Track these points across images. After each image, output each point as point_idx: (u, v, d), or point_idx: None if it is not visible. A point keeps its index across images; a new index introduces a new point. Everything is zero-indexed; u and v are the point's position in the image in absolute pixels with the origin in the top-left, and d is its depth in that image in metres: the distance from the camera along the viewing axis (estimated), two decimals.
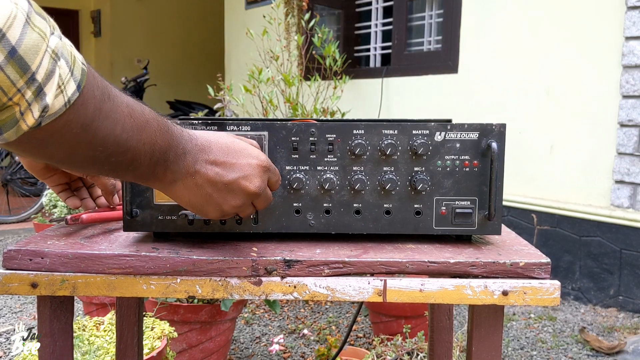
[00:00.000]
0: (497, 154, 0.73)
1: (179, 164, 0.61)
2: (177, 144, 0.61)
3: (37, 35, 0.43)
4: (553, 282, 0.70)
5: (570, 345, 2.46)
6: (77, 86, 0.47)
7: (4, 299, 2.93)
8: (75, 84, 0.47)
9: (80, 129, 0.49)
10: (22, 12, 0.42)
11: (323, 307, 2.86)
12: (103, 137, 0.51)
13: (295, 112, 2.99)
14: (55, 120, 0.46)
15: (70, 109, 0.47)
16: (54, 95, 0.45)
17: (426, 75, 3.71)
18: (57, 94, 0.45)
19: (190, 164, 0.62)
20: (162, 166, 0.60)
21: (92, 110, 0.49)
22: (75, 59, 0.47)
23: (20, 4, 0.43)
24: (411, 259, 0.70)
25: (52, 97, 0.44)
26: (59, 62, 0.45)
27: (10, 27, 0.41)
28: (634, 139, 2.75)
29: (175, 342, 1.92)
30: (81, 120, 0.48)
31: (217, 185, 0.64)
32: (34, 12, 0.44)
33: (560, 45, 3.00)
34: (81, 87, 0.47)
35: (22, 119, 0.44)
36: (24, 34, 0.42)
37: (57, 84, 0.45)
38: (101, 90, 0.51)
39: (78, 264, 0.70)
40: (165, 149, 0.59)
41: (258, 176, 0.66)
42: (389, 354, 1.82)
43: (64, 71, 0.45)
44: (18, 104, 0.43)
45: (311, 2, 4.23)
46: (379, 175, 0.75)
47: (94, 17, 8.34)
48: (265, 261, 0.70)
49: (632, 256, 2.79)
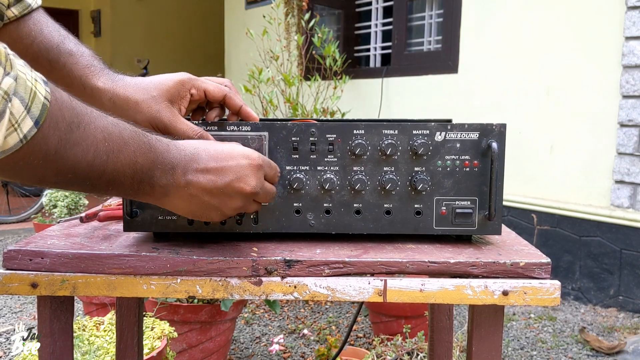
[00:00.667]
0: (497, 154, 0.73)
1: (167, 179, 0.62)
2: (163, 160, 0.61)
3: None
4: (553, 282, 0.70)
5: (570, 345, 2.46)
6: (34, 122, 0.48)
7: (4, 299, 2.93)
8: (32, 121, 0.48)
9: (42, 160, 0.50)
10: None
11: (323, 307, 2.86)
12: (72, 164, 0.53)
13: (295, 112, 2.99)
14: (12, 154, 0.48)
15: (27, 145, 0.48)
16: (4, 134, 0.46)
17: (426, 75, 3.71)
18: (10, 133, 0.46)
19: (181, 176, 0.62)
20: (147, 183, 0.60)
21: (55, 142, 0.50)
22: (35, 95, 0.48)
23: None
24: (411, 259, 0.70)
25: (2, 135, 0.46)
26: (10, 102, 0.46)
27: None
28: (634, 139, 2.75)
29: (175, 342, 1.92)
30: (42, 152, 0.50)
31: (212, 192, 0.64)
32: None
33: (560, 45, 3.00)
34: (40, 122, 0.48)
35: None
36: None
37: (10, 122, 0.46)
38: (68, 121, 0.52)
39: (78, 264, 0.70)
40: (149, 167, 0.59)
41: (252, 175, 0.66)
42: (389, 354, 1.82)
43: (17, 110, 0.46)
44: None
45: (311, 2, 4.23)
46: (379, 175, 0.75)
47: (94, 17, 8.34)
48: (265, 261, 0.70)
49: (632, 256, 2.79)
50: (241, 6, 5.19)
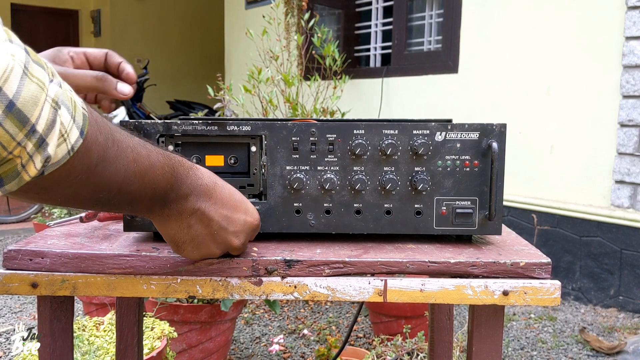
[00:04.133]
0: (498, 154, 0.73)
1: (179, 204, 0.61)
2: (180, 185, 0.60)
3: (35, 86, 0.42)
4: (553, 282, 0.69)
5: (570, 345, 2.46)
6: (80, 132, 0.46)
7: (4, 299, 2.93)
8: (78, 131, 0.46)
9: (84, 175, 0.48)
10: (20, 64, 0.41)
11: (323, 307, 2.86)
12: (107, 183, 0.51)
13: (295, 112, 2.99)
14: (58, 168, 0.45)
15: (74, 157, 0.46)
16: (56, 144, 0.44)
17: (426, 75, 3.71)
18: (60, 143, 0.44)
19: (193, 204, 0.62)
20: (159, 204, 0.60)
21: (96, 156, 0.49)
22: (75, 105, 0.46)
23: (18, 55, 0.41)
24: (411, 259, 0.70)
25: (54, 146, 0.44)
26: (59, 110, 0.44)
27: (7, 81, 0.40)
28: (634, 139, 2.75)
29: (175, 342, 1.92)
30: (85, 166, 0.48)
31: (209, 229, 0.64)
32: (31, 62, 0.43)
33: (560, 45, 3.00)
34: (84, 133, 0.46)
35: (24, 171, 0.43)
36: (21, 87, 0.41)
37: (60, 132, 0.44)
38: (105, 135, 0.50)
39: (78, 264, 0.70)
40: (166, 190, 0.59)
41: (246, 234, 0.68)
42: (389, 354, 1.82)
43: (65, 119, 0.44)
44: (19, 156, 0.42)
45: (311, 2, 4.23)
46: (380, 175, 0.75)
47: (94, 17, 8.35)
48: (265, 261, 0.70)
49: (633, 256, 2.78)
50: (241, 6, 5.19)
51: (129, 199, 0.55)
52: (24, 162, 0.43)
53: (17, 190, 0.45)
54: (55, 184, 0.47)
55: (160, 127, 0.75)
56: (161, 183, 0.57)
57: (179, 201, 0.61)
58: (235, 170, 0.77)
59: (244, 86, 2.97)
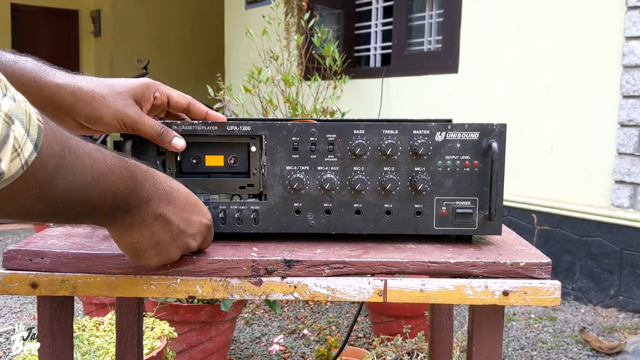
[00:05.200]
0: (498, 154, 0.73)
1: (142, 209, 0.60)
2: (141, 189, 0.59)
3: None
4: (554, 282, 0.69)
5: (570, 345, 2.46)
6: (34, 146, 0.44)
7: (4, 299, 2.93)
8: (32, 144, 0.44)
9: (38, 188, 0.47)
10: None
11: (323, 307, 2.86)
12: (63, 193, 0.49)
13: (295, 112, 2.99)
14: (11, 184, 0.43)
15: (28, 171, 0.44)
16: (9, 160, 0.42)
17: (426, 75, 3.71)
18: (13, 158, 0.42)
19: (155, 208, 0.62)
20: (122, 211, 0.58)
21: (51, 167, 0.47)
22: (30, 117, 0.44)
23: None
24: (412, 259, 0.70)
25: (7, 162, 0.42)
26: (12, 125, 0.42)
27: None
28: (634, 139, 2.74)
29: (175, 342, 1.92)
30: (40, 179, 0.46)
31: (170, 234, 0.64)
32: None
33: (560, 45, 3.00)
34: (39, 146, 0.44)
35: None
36: None
37: (13, 147, 0.42)
38: (61, 144, 0.48)
39: (78, 264, 0.70)
40: (127, 195, 0.58)
41: (202, 235, 0.69)
42: (389, 354, 1.82)
43: (19, 133, 0.42)
44: None
45: (311, 2, 4.23)
46: (380, 175, 0.75)
47: (94, 17, 8.34)
48: (265, 261, 0.70)
49: (633, 256, 2.78)
50: (241, 6, 5.19)
51: (88, 207, 0.54)
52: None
53: None
54: (8, 199, 0.45)
55: None
56: (121, 187, 0.56)
57: (141, 206, 0.60)
58: (235, 170, 0.77)
59: (244, 86, 2.98)
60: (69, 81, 0.71)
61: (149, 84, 0.76)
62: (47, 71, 0.71)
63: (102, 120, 0.71)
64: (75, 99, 0.70)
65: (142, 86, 0.75)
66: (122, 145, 0.74)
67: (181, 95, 0.79)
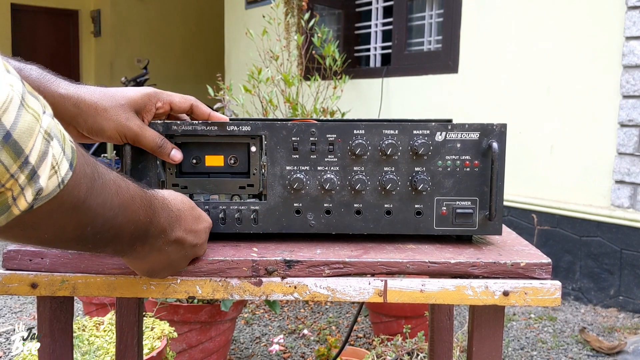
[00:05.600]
0: (498, 154, 0.73)
1: (160, 238, 0.62)
2: (159, 219, 0.61)
3: (30, 117, 0.41)
4: (554, 283, 0.69)
5: (570, 345, 2.46)
6: (69, 165, 0.45)
7: (4, 299, 2.93)
8: (67, 163, 0.45)
9: (72, 209, 0.47)
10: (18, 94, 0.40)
11: (323, 307, 2.86)
12: (93, 216, 0.50)
13: (295, 112, 2.99)
14: (48, 202, 0.44)
15: (64, 189, 0.45)
16: (47, 176, 0.43)
17: (426, 75, 3.71)
18: (51, 175, 0.43)
19: (170, 236, 0.63)
20: (141, 241, 0.60)
21: (84, 188, 0.48)
22: (65, 137, 0.45)
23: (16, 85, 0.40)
24: (412, 259, 0.70)
25: (45, 178, 0.42)
26: (51, 142, 0.43)
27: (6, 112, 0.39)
28: (634, 139, 2.74)
29: (175, 342, 1.92)
30: (74, 200, 0.47)
31: (184, 251, 0.66)
32: (27, 93, 0.42)
33: (560, 45, 3.00)
34: (73, 165, 0.45)
35: (14, 204, 0.42)
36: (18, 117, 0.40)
37: (51, 164, 0.43)
38: (91, 167, 0.49)
39: (78, 264, 0.70)
40: (147, 224, 0.59)
41: (206, 239, 0.70)
42: (389, 354, 1.82)
43: (57, 151, 0.43)
44: (11, 189, 0.41)
45: (311, 2, 4.23)
46: (380, 176, 0.75)
47: (94, 17, 8.34)
48: (265, 261, 0.70)
49: (633, 256, 2.78)
50: (241, 6, 5.19)
51: (113, 233, 0.54)
52: (15, 195, 0.41)
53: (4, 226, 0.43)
54: (43, 219, 0.46)
55: (160, 127, 0.75)
56: (141, 217, 0.57)
57: (159, 236, 0.61)
58: (235, 170, 0.77)
59: (244, 86, 2.97)
60: (72, 92, 0.71)
61: (151, 95, 0.76)
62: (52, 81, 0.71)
63: (104, 133, 0.72)
64: (78, 110, 0.71)
65: (144, 97, 0.75)
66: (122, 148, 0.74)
67: (184, 99, 0.79)
